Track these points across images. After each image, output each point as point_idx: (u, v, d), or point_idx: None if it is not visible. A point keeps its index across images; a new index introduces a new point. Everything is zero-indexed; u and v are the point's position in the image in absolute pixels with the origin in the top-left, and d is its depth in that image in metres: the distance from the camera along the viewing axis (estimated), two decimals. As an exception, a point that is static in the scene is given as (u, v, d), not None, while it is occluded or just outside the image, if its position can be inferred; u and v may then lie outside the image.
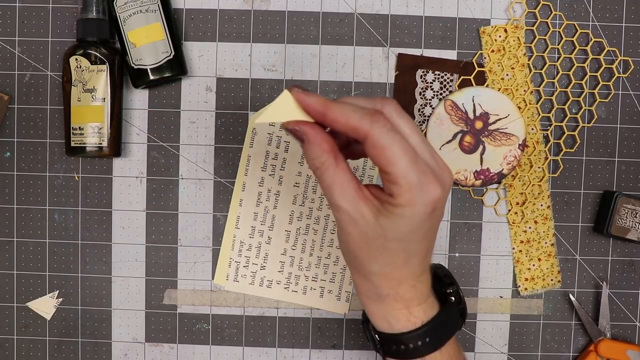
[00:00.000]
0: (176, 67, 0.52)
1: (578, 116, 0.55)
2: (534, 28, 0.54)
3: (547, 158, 0.55)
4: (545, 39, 0.54)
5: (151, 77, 0.51)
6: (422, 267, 0.39)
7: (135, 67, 0.51)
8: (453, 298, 0.42)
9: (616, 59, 0.54)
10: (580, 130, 0.55)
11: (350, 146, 0.40)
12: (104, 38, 0.51)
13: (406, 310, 0.39)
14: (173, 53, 0.51)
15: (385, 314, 0.39)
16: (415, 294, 0.39)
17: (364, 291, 0.40)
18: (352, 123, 0.35)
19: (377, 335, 0.41)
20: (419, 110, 0.54)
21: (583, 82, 0.54)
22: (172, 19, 0.52)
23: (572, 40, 0.54)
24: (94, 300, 0.55)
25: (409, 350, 0.39)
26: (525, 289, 0.55)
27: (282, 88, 0.55)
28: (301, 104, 0.36)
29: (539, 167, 0.55)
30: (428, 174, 0.35)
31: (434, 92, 0.54)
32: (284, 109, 0.36)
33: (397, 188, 0.35)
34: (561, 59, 0.54)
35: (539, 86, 0.54)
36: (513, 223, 0.55)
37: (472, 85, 0.54)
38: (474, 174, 0.54)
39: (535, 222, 0.55)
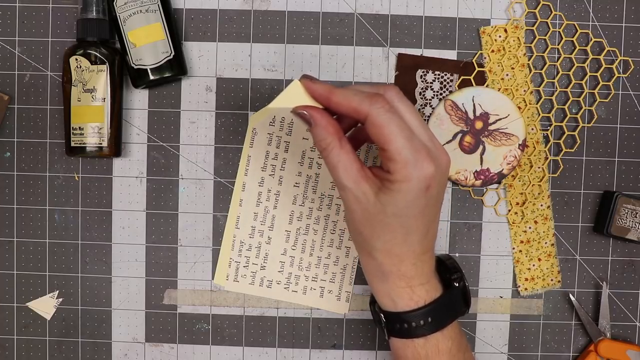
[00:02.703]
0: (176, 67, 0.52)
1: (578, 116, 0.55)
2: (534, 28, 0.54)
3: (547, 158, 0.55)
4: (545, 39, 0.54)
5: (151, 77, 0.51)
6: (423, 247, 0.40)
7: (135, 67, 0.51)
8: (457, 284, 0.44)
9: (616, 59, 0.54)
10: (580, 130, 0.55)
11: (354, 134, 0.43)
12: (104, 38, 0.51)
13: (409, 289, 0.41)
14: (173, 53, 0.51)
15: (389, 291, 0.41)
16: (417, 272, 0.41)
17: (369, 269, 0.42)
18: (354, 105, 0.38)
19: (382, 315, 0.43)
20: (419, 110, 0.54)
21: (583, 82, 0.54)
22: (172, 19, 0.52)
23: (572, 40, 0.54)
24: (94, 300, 0.55)
25: (412, 329, 0.41)
26: (525, 289, 0.55)
27: (282, 88, 0.55)
28: (308, 91, 0.40)
29: (539, 167, 0.55)
30: (423, 152, 0.38)
31: (434, 92, 0.54)
32: (294, 96, 0.40)
33: (394, 164, 0.37)
34: (561, 59, 0.54)
35: (539, 86, 0.54)
36: (513, 223, 0.55)
37: (472, 85, 0.54)
38: (474, 174, 0.54)
39: (535, 222, 0.55)
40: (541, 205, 0.55)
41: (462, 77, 0.54)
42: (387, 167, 0.38)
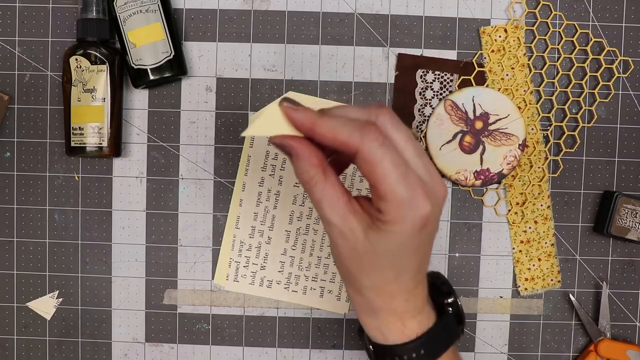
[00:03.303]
0: (176, 67, 0.52)
1: (578, 116, 0.55)
2: (534, 28, 0.54)
3: (547, 158, 0.55)
4: (545, 39, 0.54)
5: (151, 77, 0.51)
6: (415, 282, 0.38)
7: (135, 67, 0.51)
8: (450, 309, 0.41)
9: (616, 59, 0.54)
10: (580, 130, 0.55)
11: (339, 156, 0.39)
12: (104, 38, 0.51)
13: (400, 323, 0.38)
14: (173, 53, 0.51)
15: (379, 325, 0.39)
16: (409, 307, 0.38)
17: (357, 304, 0.39)
18: (341, 138, 0.33)
19: (371, 346, 0.40)
20: (419, 110, 0.54)
21: (583, 82, 0.54)
22: (172, 19, 0.52)
23: (572, 40, 0.54)
24: (94, 300, 0.55)
25: None
26: (525, 289, 0.55)
27: (282, 88, 0.55)
28: (289, 119, 0.35)
29: (539, 167, 0.55)
30: (418, 190, 0.34)
31: (434, 92, 0.54)
32: (273, 122, 0.35)
33: (385, 204, 0.34)
34: (561, 59, 0.54)
35: (539, 86, 0.54)
36: (513, 223, 0.55)
37: (472, 85, 0.54)
38: (474, 174, 0.54)
39: (535, 222, 0.55)
40: (541, 205, 0.55)
41: (462, 77, 0.54)
42: (378, 205, 0.34)
